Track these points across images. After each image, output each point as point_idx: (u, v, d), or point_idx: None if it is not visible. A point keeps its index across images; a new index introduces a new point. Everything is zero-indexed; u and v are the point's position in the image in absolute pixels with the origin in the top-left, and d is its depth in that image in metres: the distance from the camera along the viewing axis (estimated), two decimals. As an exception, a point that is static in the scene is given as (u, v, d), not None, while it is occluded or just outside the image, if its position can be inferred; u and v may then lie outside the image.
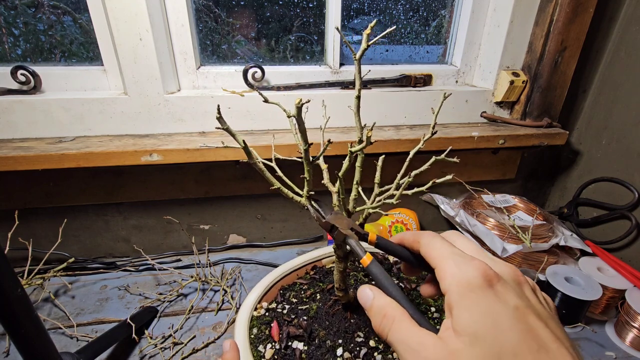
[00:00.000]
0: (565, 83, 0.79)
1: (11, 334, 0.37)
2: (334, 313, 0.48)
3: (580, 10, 0.72)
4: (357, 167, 0.41)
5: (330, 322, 0.47)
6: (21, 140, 0.67)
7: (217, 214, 0.84)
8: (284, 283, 0.56)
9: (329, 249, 0.62)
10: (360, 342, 0.44)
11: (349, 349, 0.43)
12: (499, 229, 0.71)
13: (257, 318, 0.49)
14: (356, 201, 0.41)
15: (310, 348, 0.43)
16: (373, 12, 0.81)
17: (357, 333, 0.45)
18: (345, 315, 0.48)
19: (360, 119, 0.39)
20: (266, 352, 0.44)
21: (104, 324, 0.64)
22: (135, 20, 0.63)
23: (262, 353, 0.44)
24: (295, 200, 0.40)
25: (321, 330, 0.46)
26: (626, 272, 0.66)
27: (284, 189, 0.40)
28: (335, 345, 0.44)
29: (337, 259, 0.43)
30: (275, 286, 0.54)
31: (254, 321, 0.49)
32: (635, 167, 0.76)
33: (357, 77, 0.37)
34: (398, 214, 0.85)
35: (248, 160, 0.38)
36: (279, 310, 0.50)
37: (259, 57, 0.80)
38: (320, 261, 0.60)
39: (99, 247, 0.81)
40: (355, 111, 0.38)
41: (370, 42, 0.34)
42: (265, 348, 0.44)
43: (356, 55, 0.35)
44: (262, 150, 0.68)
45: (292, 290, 0.54)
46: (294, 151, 0.68)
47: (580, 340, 0.62)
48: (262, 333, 0.47)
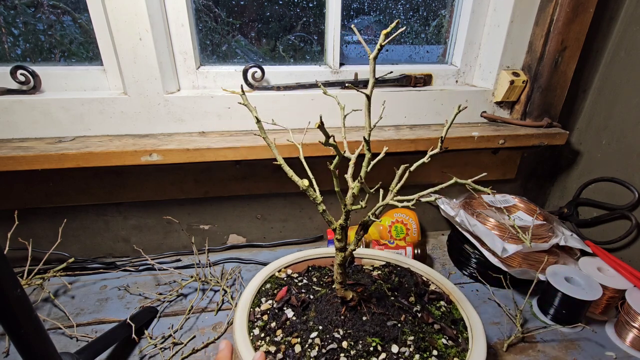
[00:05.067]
0: (566, 83, 0.79)
1: (11, 334, 0.37)
2: (332, 303, 0.50)
3: (581, 10, 0.71)
4: (364, 168, 0.41)
5: (324, 309, 0.50)
6: (21, 140, 0.67)
7: (217, 214, 0.84)
8: (316, 263, 0.62)
9: (379, 252, 0.65)
10: (336, 338, 0.46)
11: (322, 337, 0.46)
12: (499, 229, 0.71)
13: (277, 278, 0.58)
14: (355, 198, 0.42)
15: (296, 320, 0.49)
16: (373, 11, 0.81)
17: (338, 329, 0.47)
18: (339, 310, 0.49)
19: (370, 118, 0.39)
20: (264, 304, 0.52)
21: (103, 324, 0.64)
22: (135, 20, 0.63)
23: (261, 303, 0.52)
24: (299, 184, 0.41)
25: (313, 311, 0.50)
26: (626, 272, 0.66)
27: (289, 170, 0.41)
28: (315, 328, 0.47)
29: (336, 250, 0.45)
30: (305, 262, 0.62)
31: (272, 279, 0.58)
32: (635, 167, 0.76)
33: (372, 76, 0.37)
34: (398, 214, 0.85)
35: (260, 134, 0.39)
36: (296, 281, 0.57)
37: (259, 56, 0.80)
38: (361, 260, 0.65)
39: (99, 247, 0.81)
40: (365, 111, 0.39)
41: (385, 41, 0.34)
42: (265, 301, 0.53)
43: (371, 55, 0.35)
44: (263, 150, 0.68)
45: (318, 272, 0.60)
46: (295, 151, 0.68)
47: (580, 340, 0.62)
48: (271, 290, 0.55)
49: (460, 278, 0.78)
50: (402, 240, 0.81)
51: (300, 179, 0.41)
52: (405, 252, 0.75)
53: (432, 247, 0.89)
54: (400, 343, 0.46)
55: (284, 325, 0.48)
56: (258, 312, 0.51)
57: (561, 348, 0.60)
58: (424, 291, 0.56)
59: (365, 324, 0.47)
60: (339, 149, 0.38)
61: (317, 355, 0.44)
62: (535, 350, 0.60)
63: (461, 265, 0.80)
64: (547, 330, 0.63)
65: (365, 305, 0.50)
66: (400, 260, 0.63)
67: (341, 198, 0.41)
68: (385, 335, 0.46)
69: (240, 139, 0.70)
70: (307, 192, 0.41)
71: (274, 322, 0.49)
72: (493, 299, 0.71)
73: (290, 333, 0.47)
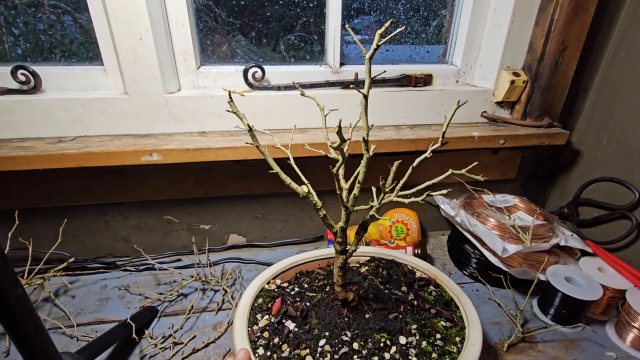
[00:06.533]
0: (566, 83, 0.79)
1: (11, 334, 0.37)
2: (332, 306, 0.50)
3: (581, 10, 0.71)
4: (362, 167, 0.41)
5: (326, 314, 0.49)
6: (21, 140, 0.67)
7: (217, 214, 0.84)
8: (303, 268, 0.60)
9: (361, 248, 0.64)
10: (345, 341, 0.45)
11: (332, 343, 0.45)
12: (500, 229, 0.71)
13: (267, 291, 0.55)
14: (356, 199, 0.42)
15: (299, 331, 0.47)
16: (373, 11, 0.81)
17: (345, 331, 0.46)
18: (341, 312, 0.49)
19: (367, 118, 0.39)
20: (261, 321, 0.49)
21: (104, 323, 0.64)
22: (135, 20, 0.63)
23: (257, 320, 0.50)
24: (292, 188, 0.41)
25: (315, 318, 0.49)
26: (626, 272, 0.66)
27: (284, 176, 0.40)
28: (321, 335, 0.46)
29: (336, 253, 0.44)
30: (293, 269, 0.59)
31: (262, 292, 0.55)
32: (635, 167, 0.76)
33: (367, 76, 0.37)
34: (398, 214, 0.85)
35: (253, 142, 0.39)
36: (288, 290, 0.55)
37: (259, 56, 0.80)
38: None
39: (99, 247, 0.81)
40: (363, 111, 0.38)
41: (381, 42, 0.34)
42: (262, 317, 0.50)
43: (367, 55, 0.35)
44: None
45: (307, 277, 0.58)
46: (294, 150, 0.68)
47: (580, 340, 0.62)
48: (264, 304, 0.52)
49: (460, 278, 0.78)
50: (402, 240, 0.81)
51: (298, 185, 0.41)
52: (406, 252, 0.75)
53: (432, 247, 0.89)
54: (406, 333, 0.47)
55: (287, 338, 0.46)
56: (257, 330, 0.48)
57: (561, 348, 0.60)
58: (412, 279, 0.58)
59: (369, 321, 0.47)
60: (344, 153, 0.38)
61: None
62: (536, 350, 0.60)
63: (461, 265, 0.80)
64: (547, 331, 0.63)
65: (365, 303, 0.50)
66: (383, 253, 0.64)
67: (342, 200, 0.41)
68: (390, 329, 0.47)
69: (240, 139, 0.70)
70: (307, 198, 0.40)
71: (277, 337, 0.47)
72: (493, 299, 0.71)
73: (297, 345, 0.45)
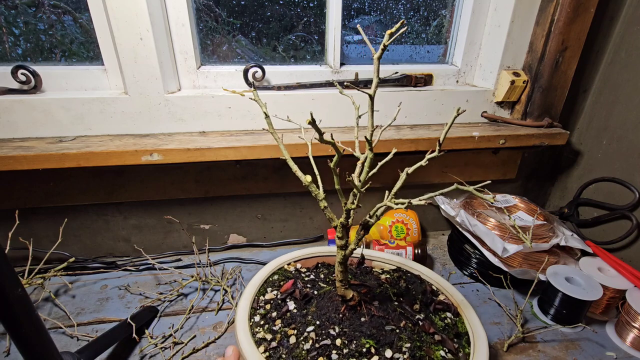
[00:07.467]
0: (566, 83, 0.79)
1: (11, 334, 0.37)
2: (334, 300, 0.51)
3: (581, 10, 0.71)
4: (365, 168, 0.41)
5: (325, 306, 0.50)
6: (21, 139, 0.67)
7: (218, 214, 0.84)
8: (326, 260, 0.64)
9: (391, 257, 0.65)
10: (331, 335, 0.46)
11: (318, 332, 0.46)
12: (500, 229, 0.71)
13: (285, 271, 0.60)
14: (355, 197, 0.42)
15: (296, 312, 0.50)
16: (374, 11, 0.81)
17: (334, 327, 0.47)
18: (339, 308, 0.49)
19: (373, 118, 0.39)
20: (269, 294, 0.54)
21: (104, 323, 0.64)
22: (135, 20, 0.63)
23: (266, 292, 0.55)
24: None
25: (314, 306, 0.51)
26: (627, 272, 0.66)
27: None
28: (312, 322, 0.48)
29: (337, 248, 0.45)
30: (315, 258, 0.64)
31: (280, 271, 0.60)
32: (635, 167, 0.76)
33: (375, 76, 0.37)
34: (398, 214, 0.85)
35: (269, 129, 0.38)
36: (303, 276, 0.59)
37: (260, 56, 0.80)
38: (372, 262, 0.65)
39: (100, 247, 0.81)
40: (369, 111, 0.39)
41: (389, 41, 0.34)
42: (271, 291, 0.55)
43: (376, 55, 0.35)
44: (263, 149, 0.68)
45: (327, 269, 0.61)
46: (294, 151, 0.68)
47: (580, 340, 0.62)
48: (278, 281, 0.57)
49: (460, 278, 0.78)
50: (402, 240, 0.81)
51: (303, 175, 0.41)
52: (406, 252, 0.75)
53: (432, 247, 0.89)
54: (395, 349, 0.45)
55: (284, 316, 0.50)
56: (262, 300, 0.53)
57: (561, 348, 0.60)
58: (430, 300, 0.55)
59: (363, 325, 0.47)
60: (337, 147, 0.37)
61: (310, 348, 0.44)
62: (536, 351, 0.60)
63: (461, 265, 0.80)
64: (547, 330, 0.63)
65: (366, 307, 0.49)
66: (412, 266, 0.62)
67: (342, 196, 0.41)
68: (380, 338, 0.46)
69: (240, 139, 0.70)
70: (309, 187, 0.41)
71: (275, 311, 0.51)
72: (493, 299, 0.71)
73: (288, 324, 0.48)
